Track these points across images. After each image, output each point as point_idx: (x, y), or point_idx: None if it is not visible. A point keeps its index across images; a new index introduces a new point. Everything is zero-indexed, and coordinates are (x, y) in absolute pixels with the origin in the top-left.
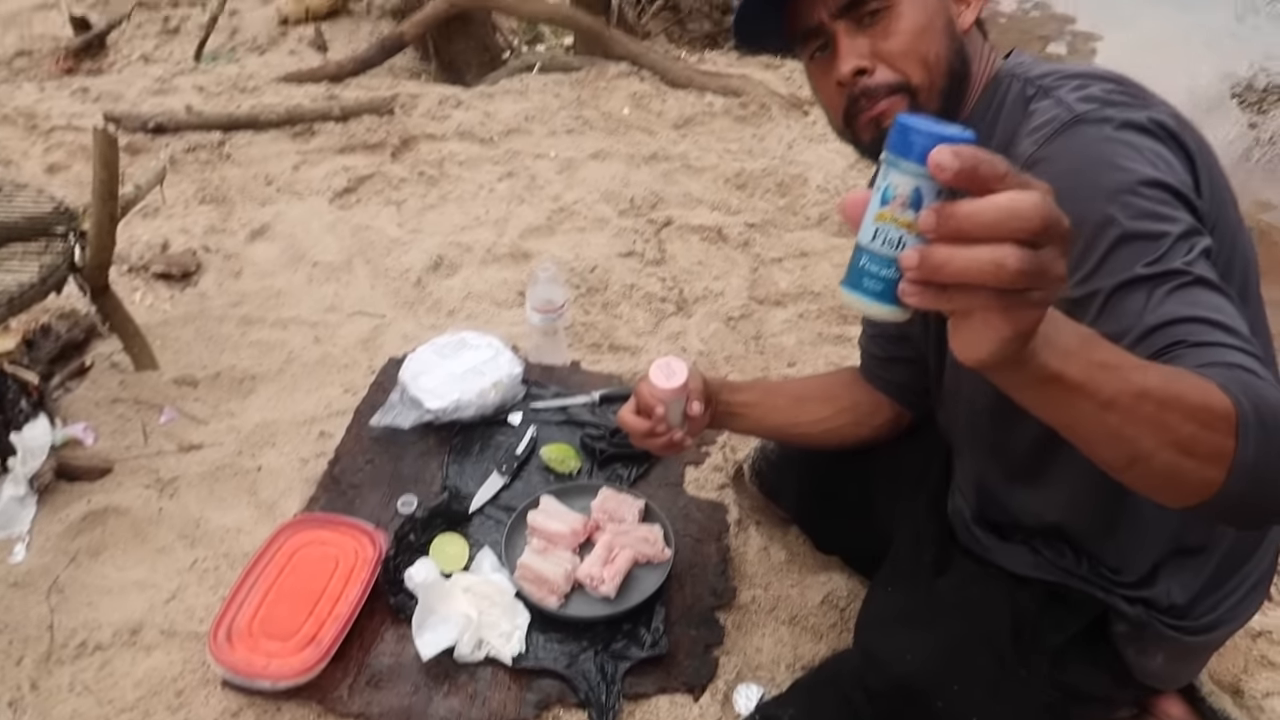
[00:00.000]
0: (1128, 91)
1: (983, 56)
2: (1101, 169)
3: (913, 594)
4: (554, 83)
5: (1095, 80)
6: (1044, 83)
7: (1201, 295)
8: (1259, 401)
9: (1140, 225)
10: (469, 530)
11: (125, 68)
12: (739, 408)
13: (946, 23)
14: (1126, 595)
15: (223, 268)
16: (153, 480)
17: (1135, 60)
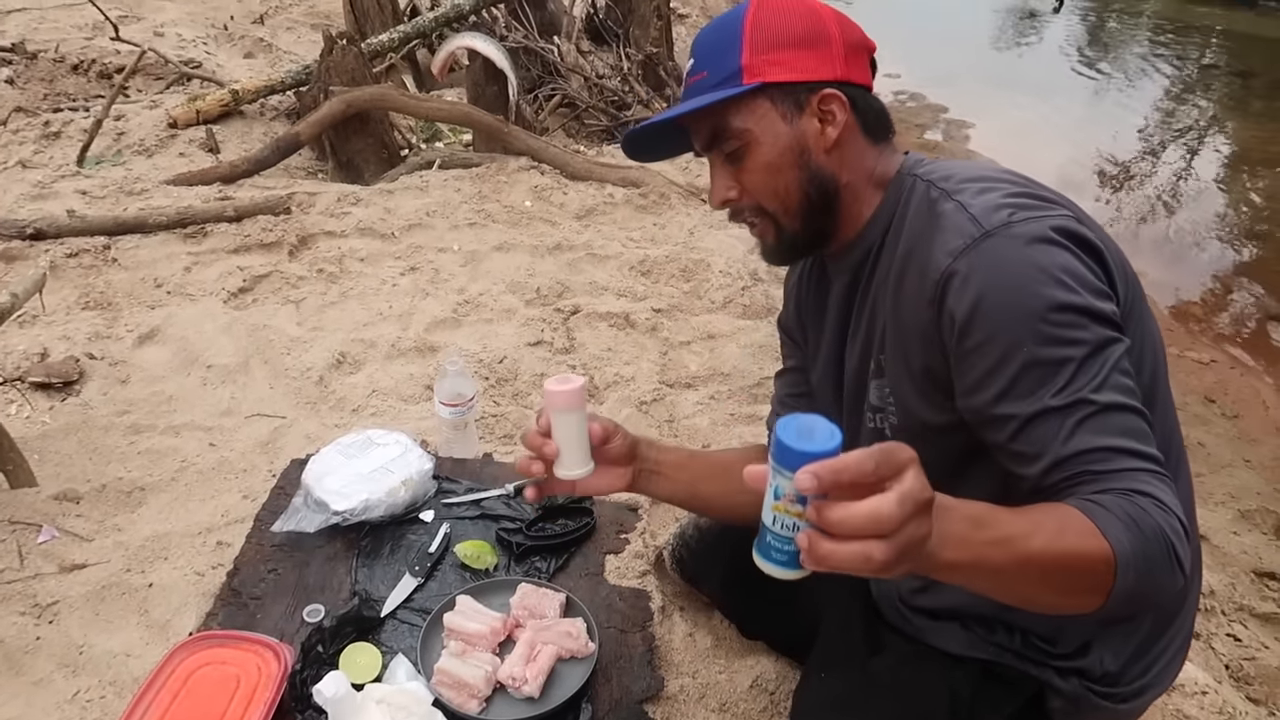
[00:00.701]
0: (1029, 193)
1: (866, 163)
2: (1012, 293)
3: (847, 677)
4: (454, 178)
5: (997, 184)
6: (948, 185)
7: (1108, 421)
8: (1140, 535)
9: (1047, 352)
10: (381, 637)
11: (1, 173)
12: (667, 468)
13: (799, 153)
14: (1060, 667)
15: (108, 375)
16: (29, 606)
17: (1005, 145)
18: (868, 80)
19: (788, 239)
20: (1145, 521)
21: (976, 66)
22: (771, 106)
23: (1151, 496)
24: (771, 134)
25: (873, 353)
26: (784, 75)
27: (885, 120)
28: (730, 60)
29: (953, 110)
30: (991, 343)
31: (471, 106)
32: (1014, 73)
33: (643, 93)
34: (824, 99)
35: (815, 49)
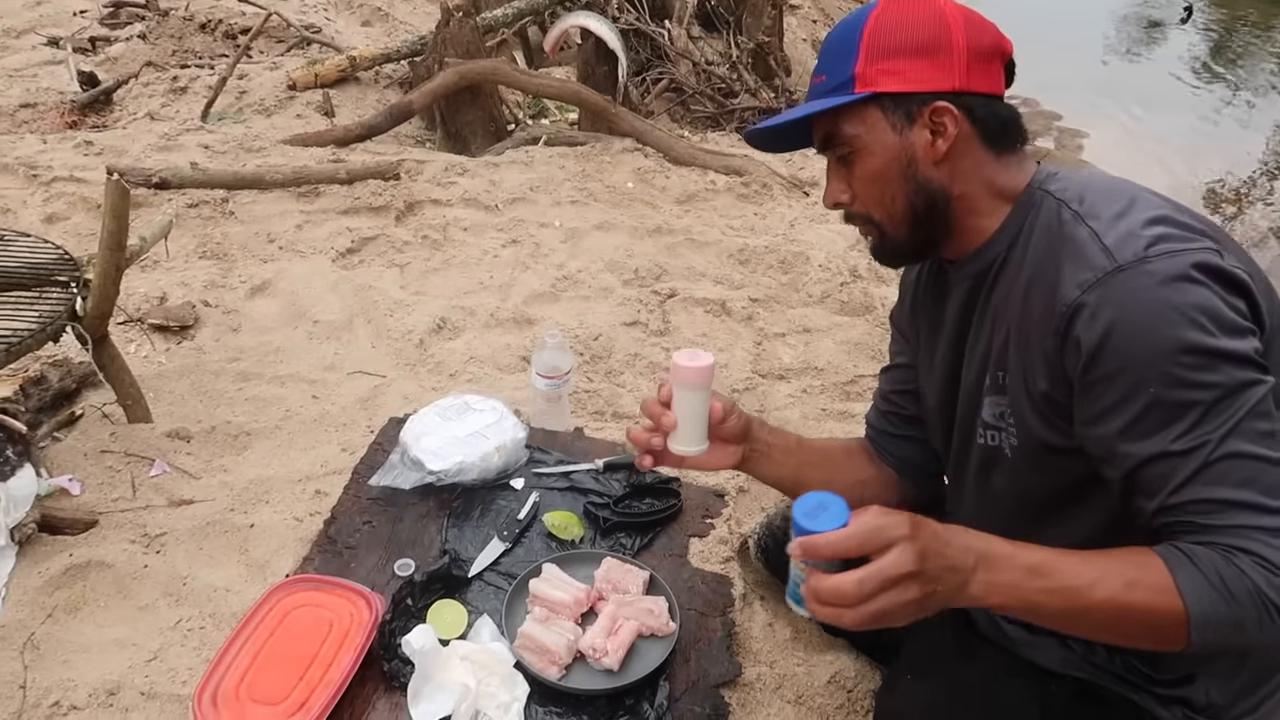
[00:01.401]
0: (1170, 219)
1: (985, 173)
2: (1142, 330)
3: (936, 684)
4: (559, 155)
5: (1133, 209)
6: (1082, 208)
7: (1230, 470)
8: (1227, 597)
9: (1174, 394)
10: (467, 596)
11: (131, 124)
12: (777, 452)
13: (906, 164)
14: (1161, 695)
15: (221, 322)
16: (139, 535)
17: (1118, 157)
18: (996, 87)
19: (893, 245)
20: (1237, 584)
21: (1094, 75)
22: (882, 116)
23: (1256, 555)
24: (880, 144)
25: (990, 368)
26: (896, 85)
27: (1013, 129)
28: (846, 66)
29: (1066, 118)
30: (1118, 378)
31: (581, 85)
32: (1133, 83)
33: (751, 81)
34: (935, 111)
35: (933, 58)
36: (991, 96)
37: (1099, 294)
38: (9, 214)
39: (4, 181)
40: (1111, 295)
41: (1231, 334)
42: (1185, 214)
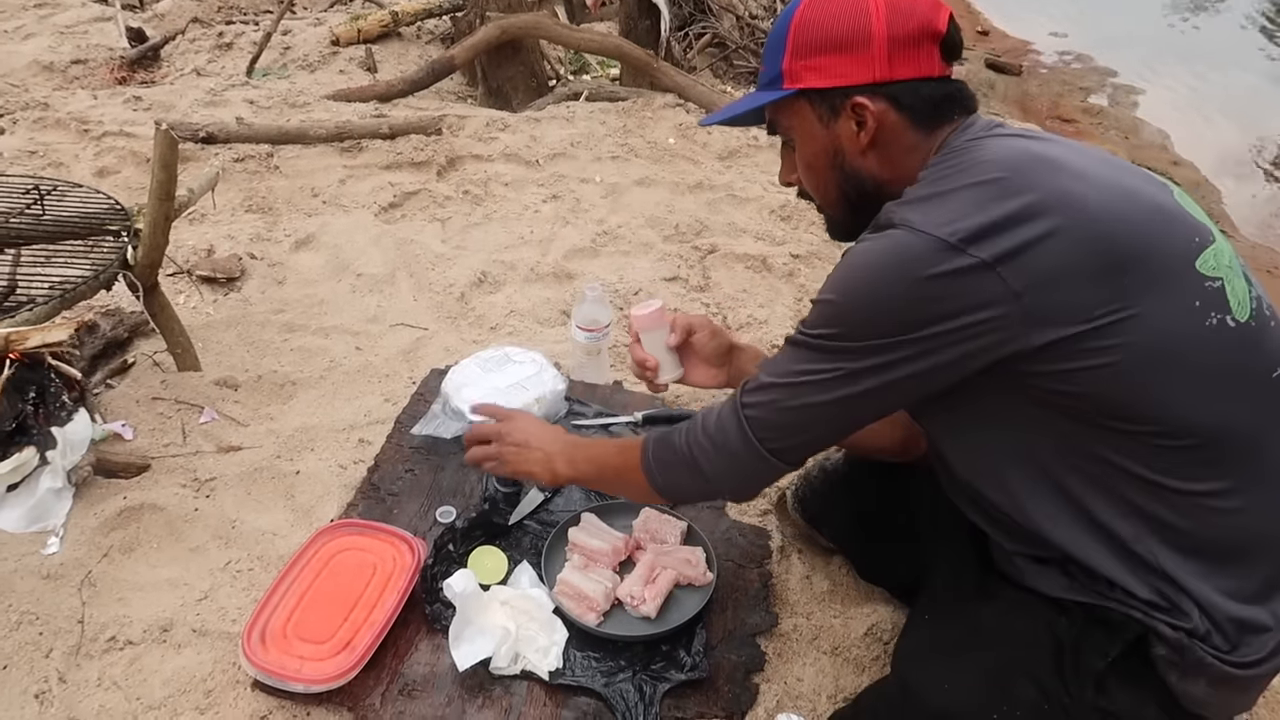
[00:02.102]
0: (986, 194)
1: (917, 157)
2: (837, 275)
3: (952, 622)
4: (600, 110)
5: (963, 181)
6: (911, 190)
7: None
8: (662, 448)
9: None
10: (507, 544)
11: (178, 79)
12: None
13: (834, 155)
14: (1165, 621)
15: (267, 274)
16: (189, 479)
17: (1174, 116)
18: (926, 69)
19: (836, 225)
20: (676, 438)
21: (1152, 31)
22: (810, 109)
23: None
24: (809, 135)
25: None
26: (819, 81)
27: (949, 105)
28: (777, 61)
29: (1122, 75)
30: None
31: (623, 40)
32: (1193, 41)
33: None
34: (855, 105)
35: (852, 52)
36: (920, 80)
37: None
38: (62, 167)
39: (57, 136)
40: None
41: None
42: (1019, 199)
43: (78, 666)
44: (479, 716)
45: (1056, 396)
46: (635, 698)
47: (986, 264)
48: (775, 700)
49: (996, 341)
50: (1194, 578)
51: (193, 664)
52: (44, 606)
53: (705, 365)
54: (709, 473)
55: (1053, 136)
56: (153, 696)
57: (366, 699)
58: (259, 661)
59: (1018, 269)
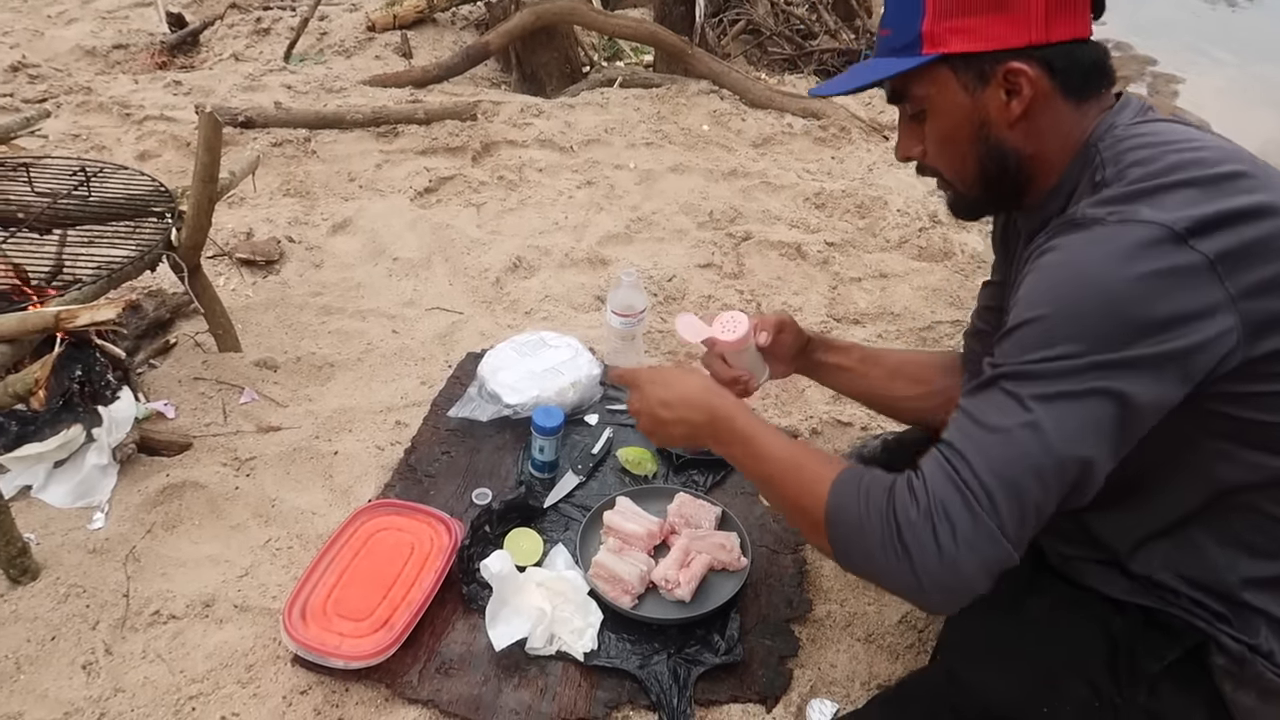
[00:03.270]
0: (1195, 180)
1: (1064, 128)
2: (1059, 276)
3: (1002, 616)
4: (634, 97)
5: (1174, 186)
6: (1115, 190)
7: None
8: (853, 498)
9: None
10: (544, 526)
11: (217, 64)
12: (832, 368)
13: (979, 127)
14: (1230, 633)
15: (305, 258)
16: (230, 458)
17: (1215, 105)
18: (1081, 30)
19: (966, 202)
20: (876, 494)
21: (1192, 18)
22: (953, 76)
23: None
24: (951, 104)
25: None
26: (967, 45)
27: (1097, 75)
28: (913, 23)
29: (1162, 63)
30: (1023, 306)
31: (657, 26)
32: (1234, 28)
33: (831, 22)
34: (1010, 72)
35: (1006, 12)
36: (1075, 42)
37: (1055, 242)
38: (105, 151)
39: (99, 120)
40: (1060, 243)
41: (1118, 329)
42: (1245, 189)
43: (123, 639)
44: (515, 696)
45: (1233, 423)
46: (669, 680)
47: (1211, 263)
48: (809, 686)
49: (1212, 355)
50: (1273, 602)
51: (234, 639)
52: (90, 580)
53: (780, 361)
54: (925, 557)
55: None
56: (195, 670)
57: (404, 676)
58: (299, 637)
59: (1239, 274)
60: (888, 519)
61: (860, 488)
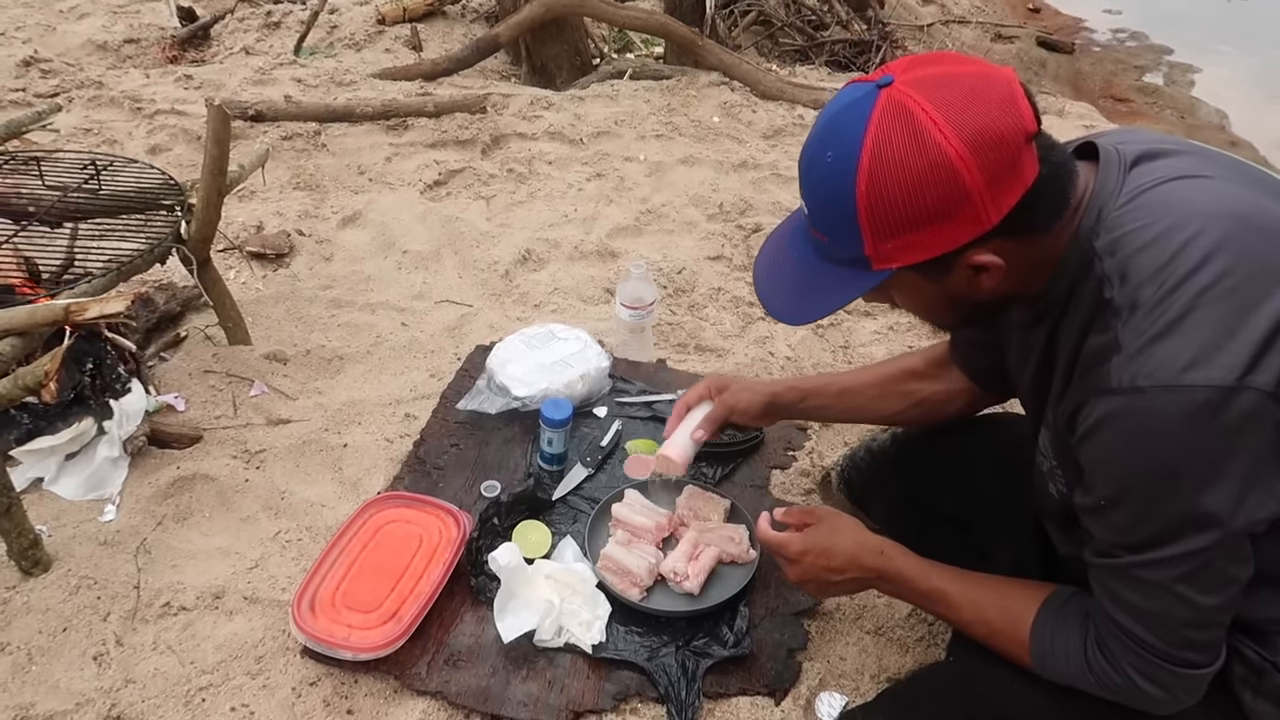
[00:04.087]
0: (1217, 294)
1: (1038, 257)
2: (1130, 459)
3: None
4: (644, 89)
5: (1190, 307)
6: (1123, 294)
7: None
8: (1059, 663)
9: (1135, 537)
10: (551, 518)
11: (227, 58)
12: (814, 410)
13: (953, 302)
14: (1251, 647)
15: (315, 251)
16: (240, 451)
17: (1231, 95)
18: (1029, 177)
19: (952, 330)
20: (1075, 658)
21: (1209, 7)
22: (913, 274)
23: (1109, 650)
24: (916, 293)
25: (1049, 401)
26: (919, 256)
27: (1058, 202)
28: (851, 242)
29: (1178, 53)
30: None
31: (667, 18)
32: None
33: (843, 13)
34: (971, 263)
35: (951, 218)
36: (1027, 194)
37: (1109, 417)
38: (116, 145)
39: (110, 114)
40: (1118, 424)
41: (1203, 490)
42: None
43: (134, 630)
44: (523, 687)
45: None
46: (678, 673)
47: (1270, 394)
48: (818, 678)
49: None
50: None
51: (244, 630)
52: (101, 572)
53: (753, 421)
54: (1146, 704)
55: (1176, 146)
56: (206, 661)
57: (413, 668)
58: (308, 629)
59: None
60: (1100, 687)
61: (1056, 650)
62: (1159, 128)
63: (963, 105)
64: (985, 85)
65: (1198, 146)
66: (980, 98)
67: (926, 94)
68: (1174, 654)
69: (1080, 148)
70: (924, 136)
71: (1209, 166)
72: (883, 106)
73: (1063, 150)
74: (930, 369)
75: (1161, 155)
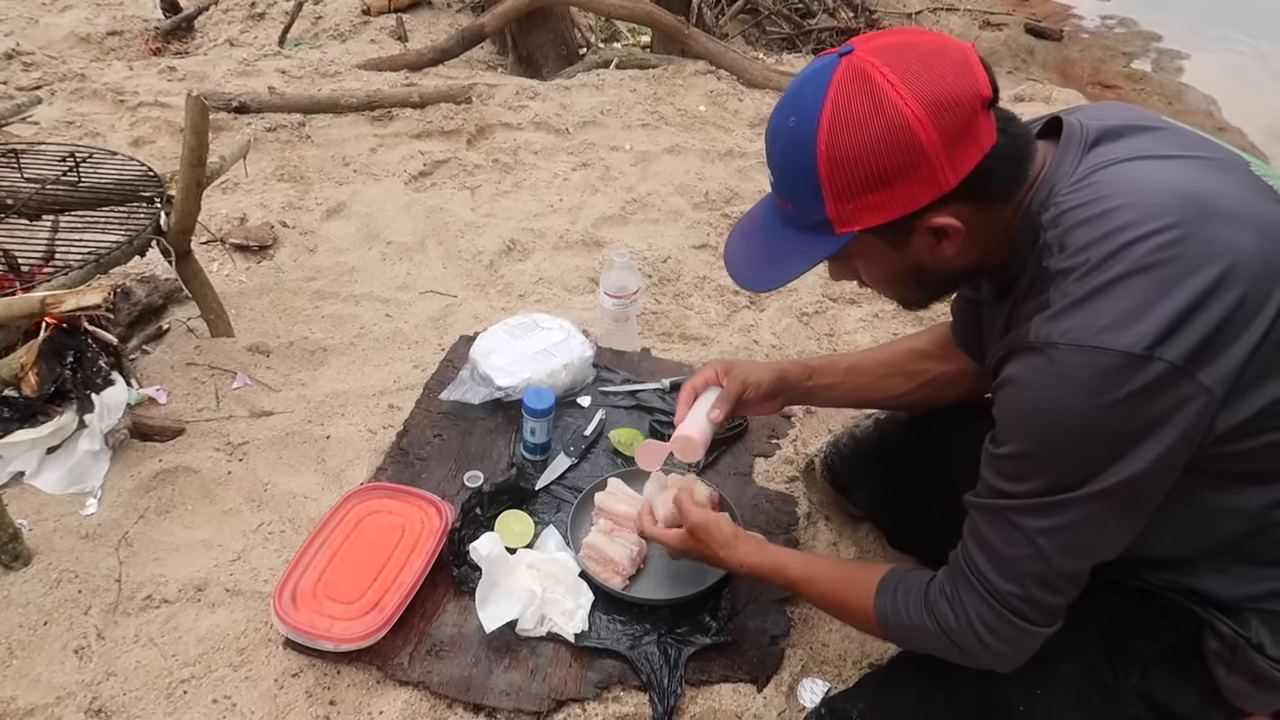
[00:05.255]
0: (1144, 266)
1: (998, 228)
2: (1023, 423)
3: None
4: (630, 78)
5: (1126, 265)
6: (1059, 262)
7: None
8: (905, 625)
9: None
10: (534, 508)
11: (211, 50)
12: (820, 391)
13: (915, 269)
14: (1225, 622)
15: (298, 243)
16: (223, 443)
17: (1220, 82)
18: (986, 143)
19: (915, 306)
20: (918, 617)
21: None
22: (875, 239)
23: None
24: (880, 260)
25: None
26: (880, 219)
27: (1016, 170)
28: (813, 206)
29: (1167, 39)
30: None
31: (654, 6)
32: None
33: (829, 1)
34: (931, 226)
35: (909, 178)
36: (987, 158)
37: (1014, 369)
38: (98, 137)
39: (93, 106)
40: (1020, 372)
41: (1084, 451)
42: (1198, 238)
43: (115, 624)
44: (505, 677)
45: (1239, 466)
46: (660, 660)
47: (1179, 368)
48: (800, 665)
49: (1198, 438)
50: (1264, 600)
51: (226, 623)
52: (83, 565)
53: (759, 408)
54: (974, 654)
55: (1145, 123)
56: (188, 654)
57: (395, 658)
58: (290, 621)
59: (1210, 364)
60: (938, 631)
61: (899, 605)
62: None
63: (919, 69)
64: (941, 52)
65: (1170, 124)
66: (936, 63)
67: (885, 59)
68: (1016, 605)
69: (1047, 124)
70: (882, 98)
71: (1172, 146)
72: (842, 72)
73: (1021, 124)
74: (937, 349)
75: (1125, 134)
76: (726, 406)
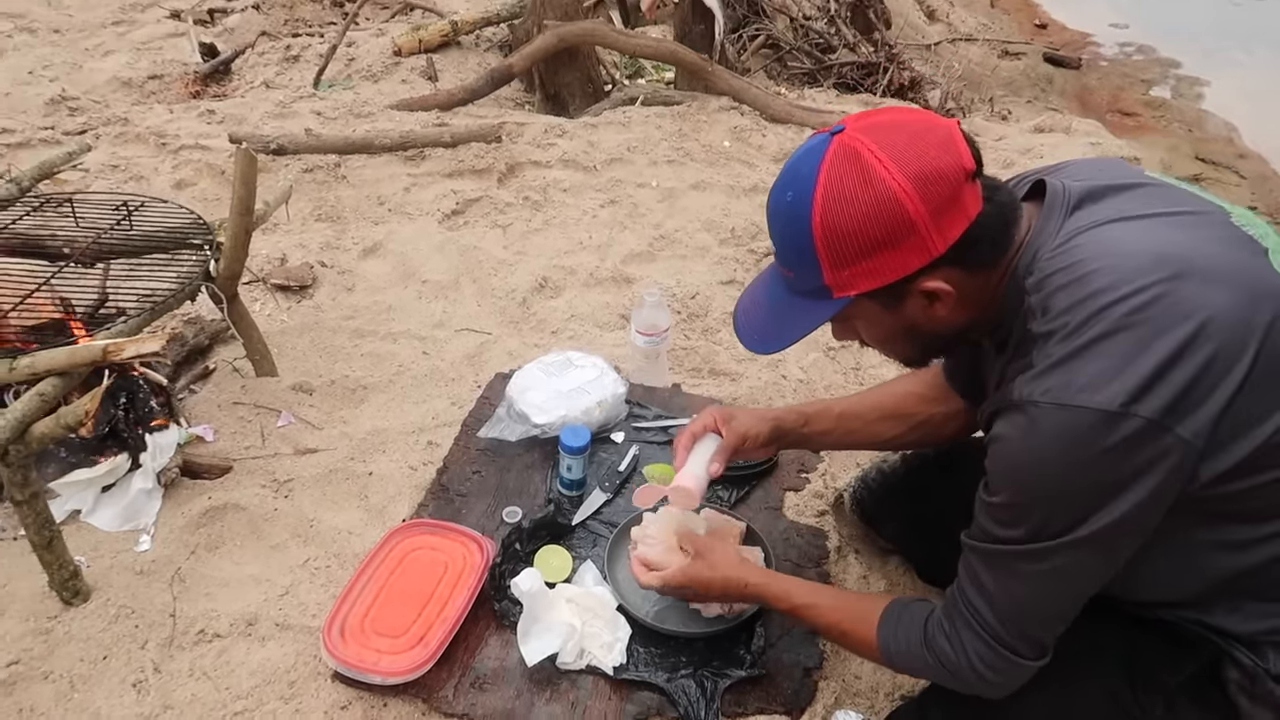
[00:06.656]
0: (1121, 325)
1: (987, 291)
2: (1016, 466)
3: None
4: (656, 115)
5: (1105, 326)
6: (1045, 325)
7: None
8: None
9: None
10: (572, 543)
11: (249, 92)
12: (816, 436)
13: (908, 330)
14: (1245, 653)
15: (337, 282)
16: (269, 480)
17: (1241, 108)
18: (972, 211)
19: (914, 365)
20: (918, 653)
21: (1217, 20)
22: (871, 303)
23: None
24: (877, 321)
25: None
26: (874, 284)
27: (1003, 237)
28: (812, 273)
29: (1186, 66)
30: (993, 484)
31: (677, 44)
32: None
33: (850, 36)
34: (923, 290)
35: (899, 246)
36: (974, 225)
37: (1003, 426)
38: (142, 180)
39: (137, 150)
40: (1010, 432)
41: (1066, 505)
42: (1176, 296)
43: (171, 658)
44: (547, 709)
45: (1228, 508)
46: (697, 693)
47: (1155, 423)
48: (834, 697)
49: (1179, 485)
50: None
51: (276, 656)
52: (139, 601)
53: (757, 452)
54: (970, 684)
55: (1127, 181)
56: (240, 686)
57: (440, 691)
58: (339, 654)
59: (1186, 417)
60: (936, 664)
61: (899, 636)
62: (1166, 142)
63: (905, 146)
64: (927, 130)
65: (1152, 179)
66: (921, 140)
67: (873, 137)
68: (1009, 642)
69: (1033, 186)
70: (870, 173)
71: (1154, 203)
72: (834, 150)
73: (1008, 191)
74: (930, 390)
75: (1107, 194)
76: (725, 459)
